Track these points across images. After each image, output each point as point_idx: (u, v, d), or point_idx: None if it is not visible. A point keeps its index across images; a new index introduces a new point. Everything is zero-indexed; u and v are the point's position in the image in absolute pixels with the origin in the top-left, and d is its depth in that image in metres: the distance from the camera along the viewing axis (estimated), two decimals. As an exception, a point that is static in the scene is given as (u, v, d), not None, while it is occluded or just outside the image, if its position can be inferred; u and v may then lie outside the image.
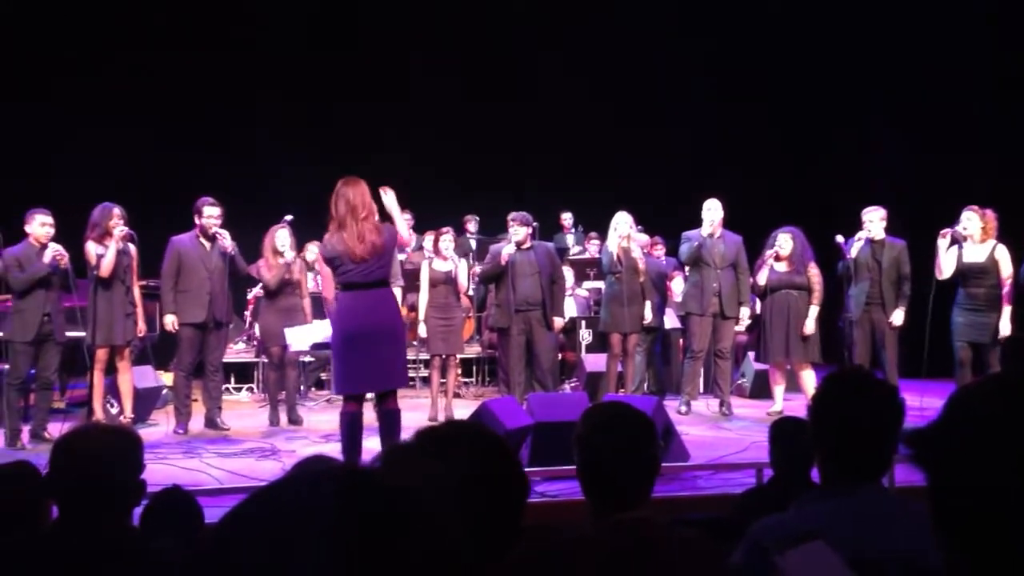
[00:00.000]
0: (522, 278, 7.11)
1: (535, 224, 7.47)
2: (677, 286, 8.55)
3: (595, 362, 8.20)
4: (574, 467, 2.00)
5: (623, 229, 7.39)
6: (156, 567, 1.85)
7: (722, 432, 6.74)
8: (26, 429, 6.26)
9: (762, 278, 7.32)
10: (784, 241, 7.30)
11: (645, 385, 8.20)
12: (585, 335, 8.80)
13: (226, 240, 6.77)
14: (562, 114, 11.32)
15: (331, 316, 5.19)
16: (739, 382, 8.82)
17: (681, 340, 8.40)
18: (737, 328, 7.74)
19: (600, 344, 8.29)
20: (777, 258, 7.32)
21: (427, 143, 10.96)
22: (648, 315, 7.50)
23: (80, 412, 6.95)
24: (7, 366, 6.22)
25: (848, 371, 2.18)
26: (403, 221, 5.27)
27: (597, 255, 8.71)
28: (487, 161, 11.19)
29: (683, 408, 7.43)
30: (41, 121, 9.47)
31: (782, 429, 3.27)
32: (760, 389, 8.43)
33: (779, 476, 3.31)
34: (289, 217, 7.41)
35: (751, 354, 8.67)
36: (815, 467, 2.13)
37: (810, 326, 7.26)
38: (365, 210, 4.83)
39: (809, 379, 7.27)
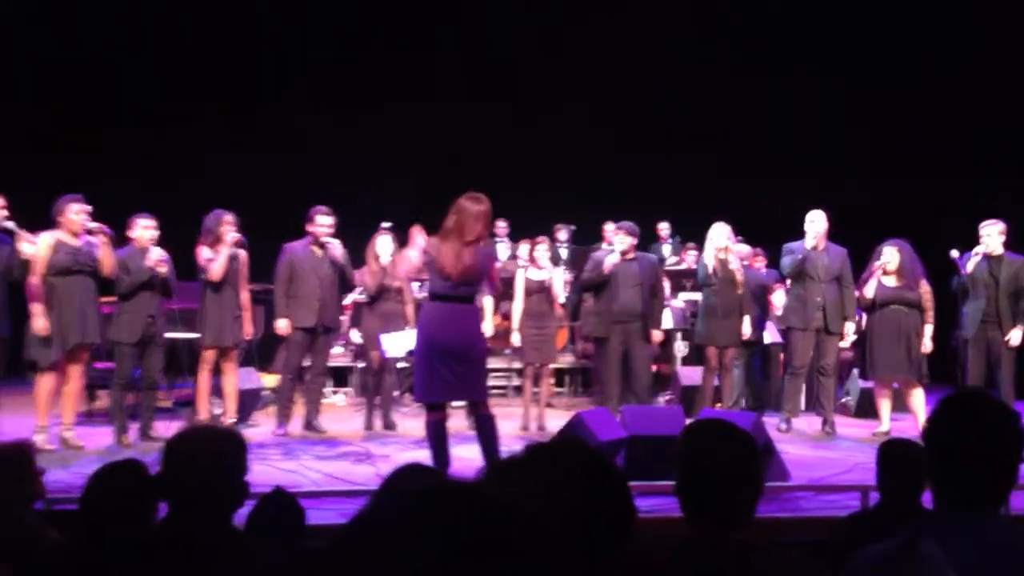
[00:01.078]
0: (624, 289, 7.05)
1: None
2: (778, 299, 8.32)
3: (690, 375, 8.06)
4: (668, 482, 1.95)
5: (720, 240, 7.25)
6: (259, 567, 1.89)
7: (825, 451, 6.52)
8: (133, 427, 6.51)
9: (869, 291, 7.04)
10: (890, 254, 7.02)
11: (743, 401, 8.01)
12: (681, 347, 8.67)
13: (336, 249, 6.92)
14: (657, 120, 11.21)
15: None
16: (843, 400, 8.53)
17: (782, 355, 8.18)
18: (842, 344, 7.47)
19: (696, 357, 8.15)
20: (884, 272, 7.04)
21: (519, 149, 11.01)
22: (746, 329, 7.33)
23: (185, 411, 7.20)
24: (114, 366, 6.50)
25: (968, 393, 2.08)
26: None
27: (694, 266, 8.58)
28: (580, 169, 11.17)
29: (783, 426, 7.22)
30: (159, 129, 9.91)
31: (892, 451, 3.14)
32: (865, 408, 8.13)
33: (887, 500, 3.17)
34: (387, 223, 7.54)
35: (856, 371, 8.38)
36: (927, 492, 2.03)
37: (927, 345, 6.97)
38: (473, 235, 4.86)
39: (918, 399, 6.97)
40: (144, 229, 6.43)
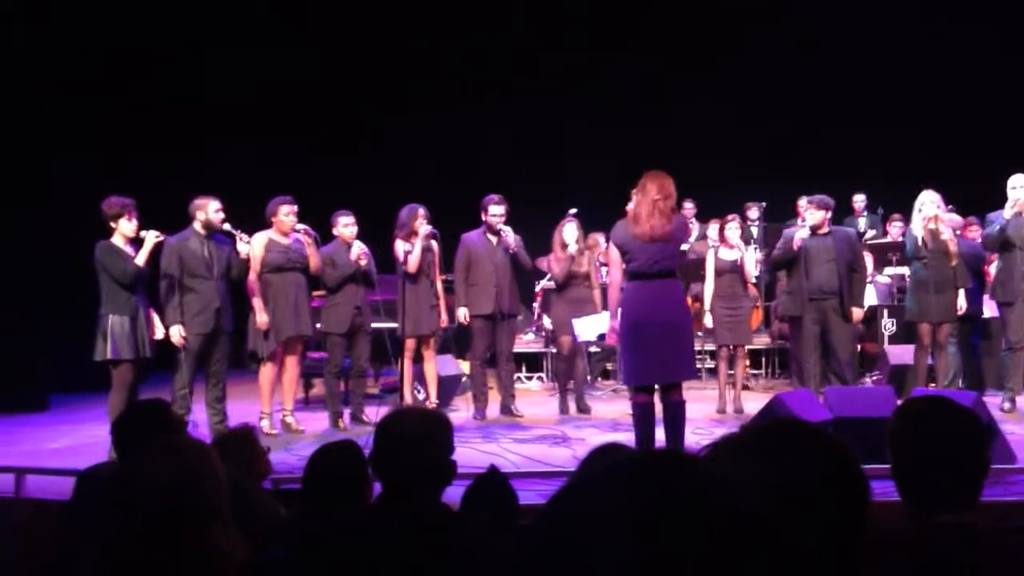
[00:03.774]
0: (817, 265, 6.73)
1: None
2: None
3: (900, 354, 7.60)
4: (879, 466, 1.85)
5: (929, 210, 6.78)
6: (472, 545, 1.96)
7: (1054, 432, 5.98)
8: (346, 412, 6.92)
9: None
10: None
11: (959, 380, 7.46)
12: (888, 325, 8.19)
13: (508, 236, 7.05)
14: (851, 86, 10.62)
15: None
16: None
17: (1003, 330, 7.55)
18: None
19: (906, 335, 7.66)
20: None
21: (706, 125, 10.74)
22: (961, 303, 6.82)
23: (391, 397, 7.57)
24: (327, 356, 6.93)
25: None
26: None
27: (899, 238, 8.08)
28: (770, 143, 10.77)
29: (1006, 405, 6.69)
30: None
31: None
32: (1102, 386, 7.35)
33: None
34: (574, 210, 7.58)
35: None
36: None
37: None
38: (660, 193, 4.82)
39: None
40: (345, 226, 6.82)
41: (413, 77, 10.73)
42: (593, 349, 8.74)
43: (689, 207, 10.79)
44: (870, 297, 7.99)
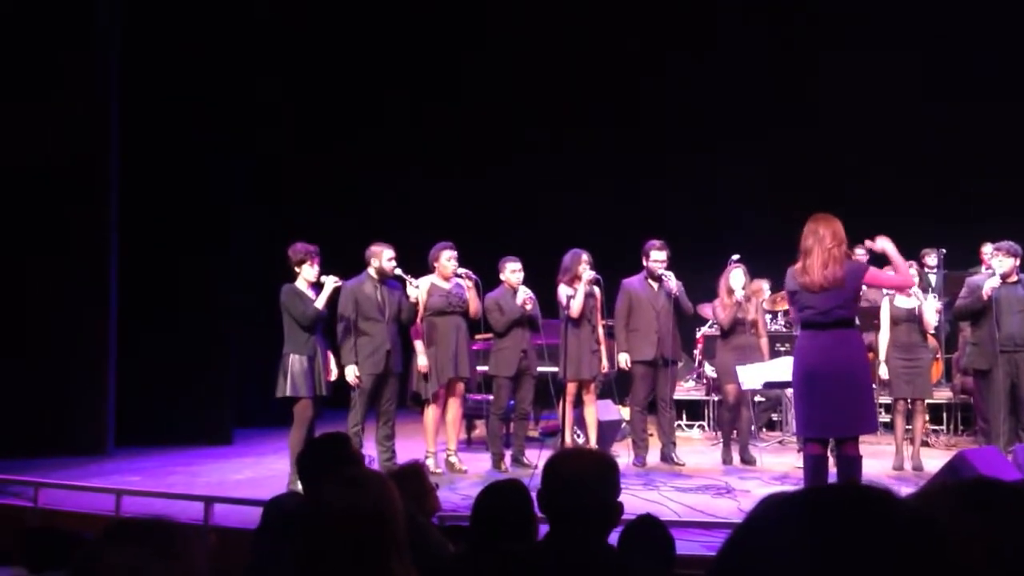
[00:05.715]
0: (1008, 315, 6.32)
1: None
2: None
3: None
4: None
5: None
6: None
7: None
8: (507, 454, 7.02)
9: None
10: None
11: None
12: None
13: (671, 281, 7.02)
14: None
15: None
16: None
17: None
18: None
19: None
20: None
21: (874, 169, 10.32)
22: None
23: (551, 440, 7.62)
24: (491, 397, 7.08)
25: None
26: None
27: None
28: (946, 185, 10.21)
29: None
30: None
31: None
32: None
33: None
34: (736, 256, 7.46)
35: None
36: None
37: None
38: (834, 240, 4.67)
39: None
40: (512, 272, 6.99)
41: (571, 121, 10.91)
42: (758, 398, 8.49)
43: (861, 254, 10.34)
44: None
